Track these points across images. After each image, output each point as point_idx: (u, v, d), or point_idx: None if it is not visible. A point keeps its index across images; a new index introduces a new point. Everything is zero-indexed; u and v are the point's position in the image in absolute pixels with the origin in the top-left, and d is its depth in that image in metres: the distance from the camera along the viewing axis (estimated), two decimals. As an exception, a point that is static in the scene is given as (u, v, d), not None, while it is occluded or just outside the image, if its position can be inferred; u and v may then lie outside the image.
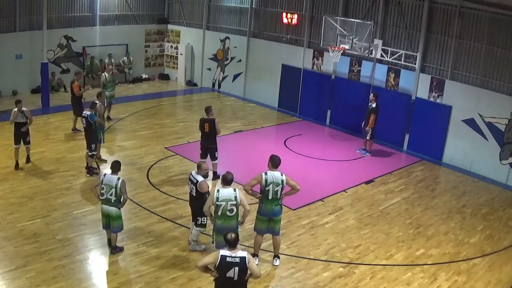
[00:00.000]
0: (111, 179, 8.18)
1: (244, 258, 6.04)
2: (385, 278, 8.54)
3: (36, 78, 18.07)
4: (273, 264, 8.62)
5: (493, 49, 13.55)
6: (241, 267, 6.02)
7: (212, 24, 21.79)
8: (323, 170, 13.54)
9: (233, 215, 7.80)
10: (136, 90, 21.09)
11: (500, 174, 13.59)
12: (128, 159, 13.04)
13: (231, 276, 6.04)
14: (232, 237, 6.10)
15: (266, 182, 8.07)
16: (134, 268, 8.19)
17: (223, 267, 6.02)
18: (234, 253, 6.05)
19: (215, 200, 7.73)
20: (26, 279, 7.60)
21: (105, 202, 8.24)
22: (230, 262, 6.01)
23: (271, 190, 8.10)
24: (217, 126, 11.56)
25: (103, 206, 8.31)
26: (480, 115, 13.93)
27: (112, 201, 8.19)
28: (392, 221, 10.77)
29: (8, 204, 10.01)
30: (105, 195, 8.17)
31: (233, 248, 6.09)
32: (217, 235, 8.00)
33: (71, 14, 20.07)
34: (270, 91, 19.59)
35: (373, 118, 14.32)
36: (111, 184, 8.13)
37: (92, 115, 11.61)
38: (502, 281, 8.77)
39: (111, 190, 8.12)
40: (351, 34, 14.89)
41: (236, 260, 6.01)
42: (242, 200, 7.77)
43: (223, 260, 6.01)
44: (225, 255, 6.03)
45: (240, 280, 6.10)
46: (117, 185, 8.11)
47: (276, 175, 8.12)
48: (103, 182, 8.18)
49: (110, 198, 8.16)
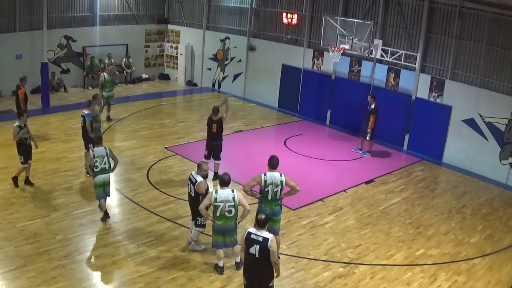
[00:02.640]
0: (101, 151, 9.40)
1: (267, 239, 6.44)
2: (385, 278, 8.54)
3: (36, 78, 18.06)
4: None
5: (493, 49, 13.55)
6: (262, 247, 6.43)
7: (212, 24, 21.79)
8: (323, 170, 13.54)
9: (232, 216, 7.81)
10: (136, 90, 21.10)
11: (500, 174, 13.59)
12: (128, 159, 13.05)
13: (253, 253, 6.52)
14: (262, 218, 6.60)
15: (265, 183, 8.07)
16: (134, 268, 8.19)
17: (247, 242, 6.56)
18: (259, 232, 6.50)
19: (213, 201, 7.73)
20: (26, 279, 7.60)
21: (101, 172, 9.33)
22: (253, 239, 6.50)
23: (270, 190, 8.10)
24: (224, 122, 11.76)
25: (99, 177, 9.33)
26: (480, 115, 13.93)
27: (107, 168, 9.42)
28: (392, 221, 10.77)
29: (8, 204, 10.01)
30: (99, 166, 9.30)
31: (261, 228, 6.55)
32: (215, 235, 8.01)
33: (71, 14, 20.08)
34: (270, 91, 19.59)
35: (372, 119, 14.32)
36: (102, 154, 9.38)
37: (89, 114, 11.61)
38: (502, 281, 8.77)
39: (104, 159, 9.36)
40: (351, 34, 14.89)
41: (259, 239, 6.47)
42: (241, 200, 7.77)
43: (248, 236, 6.57)
44: (251, 232, 6.57)
45: (262, 259, 6.49)
46: (107, 153, 9.43)
47: (275, 175, 8.11)
48: (95, 156, 9.30)
49: (104, 166, 9.36)
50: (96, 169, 9.29)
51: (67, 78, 20.11)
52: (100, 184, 9.41)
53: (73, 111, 16.37)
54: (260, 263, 6.53)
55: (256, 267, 6.60)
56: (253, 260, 6.56)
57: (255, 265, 6.59)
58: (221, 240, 8.00)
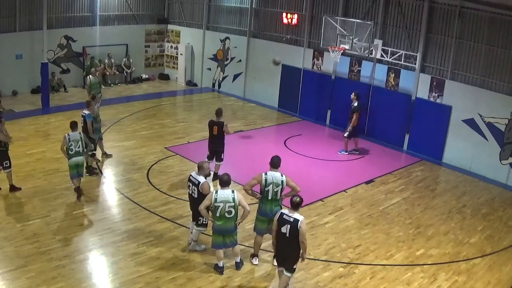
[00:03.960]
0: (75, 135, 10.20)
1: (297, 220, 7.04)
2: (385, 278, 8.54)
3: (36, 78, 18.08)
4: (272, 264, 8.62)
5: (493, 49, 13.55)
6: (293, 227, 7.02)
7: (212, 24, 21.79)
8: (323, 170, 13.54)
9: (231, 217, 7.81)
10: (136, 90, 21.10)
11: (500, 174, 13.59)
12: (128, 159, 13.05)
13: (284, 232, 7.11)
14: (296, 201, 7.17)
15: (266, 182, 8.07)
16: (134, 268, 8.19)
17: (280, 222, 7.16)
18: (291, 214, 7.11)
19: (213, 201, 7.73)
20: (26, 279, 7.60)
21: (75, 155, 10.17)
22: (285, 219, 7.10)
23: (270, 190, 8.10)
24: (225, 128, 11.60)
25: (73, 159, 10.16)
26: (480, 115, 13.93)
27: (80, 151, 10.26)
28: (392, 221, 10.77)
29: (8, 204, 10.01)
30: (74, 149, 10.13)
31: (294, 210, 7.14)
32: (214, 236, 8.02)
33: (71, 14, 20.08)
34: (270, 91, 19.59)
35: (356, 117, 14.30)
36: (77, 138, 10.19)
37: (89, 115, 11.61)
38: (502, 281, 8.77)
39: (78, 143, 10.18)
40: (351, 34, 14.89)
41: (290, 220, 7.07)
42: (241, 201, 7.78)
43: (280, 216, 7.18)
44: (284, 212, 7.19)
45: (293, 239, 7.08)
46: (81, 138, 10.27)
47: (276, 175, 8.11)
48: (70, 140, 10.10)
49: (78, 150, 10.20)
50: (71, 152, 10.14)
51: (67, 78, 20.11)
52: (74, 166, 10.24)
53: (73, 111, 16.34)
54: (290, 243, 7.13)
55: (286, 245, 7.22)
56: (283, 239, 7.17)
57: (285, 244, 7.21)
58: (221, 241, 8.00)
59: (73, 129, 10.25)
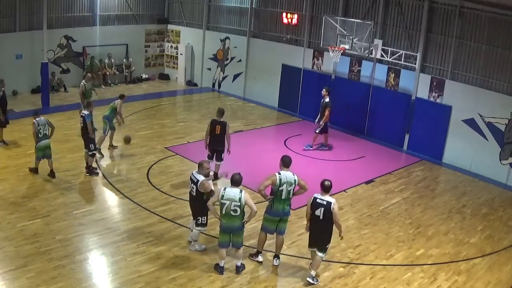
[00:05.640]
0: (41, 120, 11.19)
1: (330, 203, 7.68)
2: (385, 278, 8.54)
3: (36, 78, 18.06)
4: (273, 264, 8.62)
5: (493, 49, 13.55)
6: (326, 209, 7.65)
7: (212, 24, 21.79)
8: (323, 170, 13.53)
9: (237, 216, 7.82)
10: (136, 90, 21.09)
11: (500, 174, 13.59)
12: (128, 159, 13.05)
13: (318, 215, 7.75)
14: (327, 184, 7.78)
15: (280, 182, 8.11)
16: (134, 268, 8.18)
17: (313, 206, 7.80)
18: (323, 197, 7.74)
19: (220, 197, 7.79)
20: (26, 279, 7.60)
21: (43, 138, 11.12)
22: (318, 203, 7.74)
23: (284, 190, 8.15)
24: (227, 129, 11.56)
25: (41, 142, 11.07)
26: (480, 115, 13.93)
27: (47, 134, 11.25)
28: (392, 221, 10.77)
29: (8, 204, 10.00)
30: (42, 132, 11.11)
31: (325, 193, 7.75)
32: (221, 234, 8.04)
33: (71, 14, 20.07)
34: (270, 91, 19.59)
35: (328, 113, 14.31)
36: (44, 123, 11.23)
37: (89, 115, 11.59)
38: (502, 281, 8.77)
39: (45, 127, 11.23)
40: (351, 34, 14.89)
41: (323, 203, 7.71)
42: (248, 201, 7.79)
43: (314, 201, 7.81)
44: (317, 197, 7.81)
45: (326, 221, 7.72)
46: (47, 122, 11.28)
47: (288, 175, 8.18)
48: (39, 124, 11.05)
49: (46, 133, 11.23)
50: (40, 135, 11.06)
51: (67, 78, 20.10)
52: (42, 148, 11.15)
53: (73, 111, 16.37)
54: (323, 224, 7.76)
55: (319, 227, 7.83)
56: (317, 221, 7.80)
57: (319, 226, 7.82)
58: (227, 240, 8.01)
59: (38, 115, 11.33)
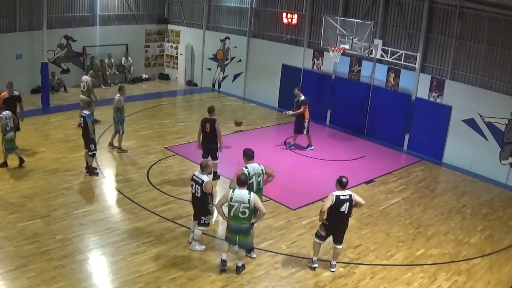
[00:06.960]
0: (7, 113, 11.81)
1: (351, 195, 8.06)
2: (385, 278, 8.54)
3: (36, 78, 18.06)
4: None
5: (493, 49, 13.55)
6: (350, 202, 8.03)
7: (212, 24, 21.79)
8: (323, 170, 13.53)
9: (245, 217, 7.84)
10: (136, 90, 21.07)
11: (500, 174, 13.59)
12: (128, 159, 13.05)
13: (343, 210, 8.02)
14: (345, 181, 8.05)
15: (249, 175, 8.43)
16: (134, 268, 8.18)
17: (338, 204, 7.97)
18: (344, 192, 8.03)
19: (229, 199, 7.81)
20: (26, 279, 7.60)
21: (10, 130, 11.72)
22: (342, 199, 7.99)
23: (254, 181, 8.51)
24: (217, 127, 11.45)
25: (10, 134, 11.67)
26: (480, 115, 13.93)
27: (13, 126, 11.85)
28: (392, 221, 10.77)
29: (8, 204, 10.00)
30: (9, 125, 11.71)
31: (343, 189, 8.04)
32: (228, 232, 8.11)
33: (71, 14, 20.07)
34: (270, 91, 19.58)
35: (306, 110, 14.33)
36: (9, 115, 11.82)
37: (90, 115, 11.60)
38: (502, 281, 8.77)
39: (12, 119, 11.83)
40: (351, 34, 14.89)
41: (346, 197, 8.02)
42: (257, 203, 7.80)
43: (337, 199, 7.98)
44: (338, 194, 8.01)
45: (348, 213, 8.12)
46: (12, 115, 11.95)
47: (255, 166, 8.67)
48: (6, 118, 11.65)
49: (12, 125, 11.79)
50: (8, 128, 11.64)
51: (67, 78, 20.08)
52: (10, 139, 11.71)
53: (73, 111, 16.36)
54: (346, 217, 8.15)
55: (343, 221, 8.19)
56: (342, 217, 8.10)
57: (342, 221, 8.17)
58: (235, 238, 8.04)
59: (4, 109, 12.03)
